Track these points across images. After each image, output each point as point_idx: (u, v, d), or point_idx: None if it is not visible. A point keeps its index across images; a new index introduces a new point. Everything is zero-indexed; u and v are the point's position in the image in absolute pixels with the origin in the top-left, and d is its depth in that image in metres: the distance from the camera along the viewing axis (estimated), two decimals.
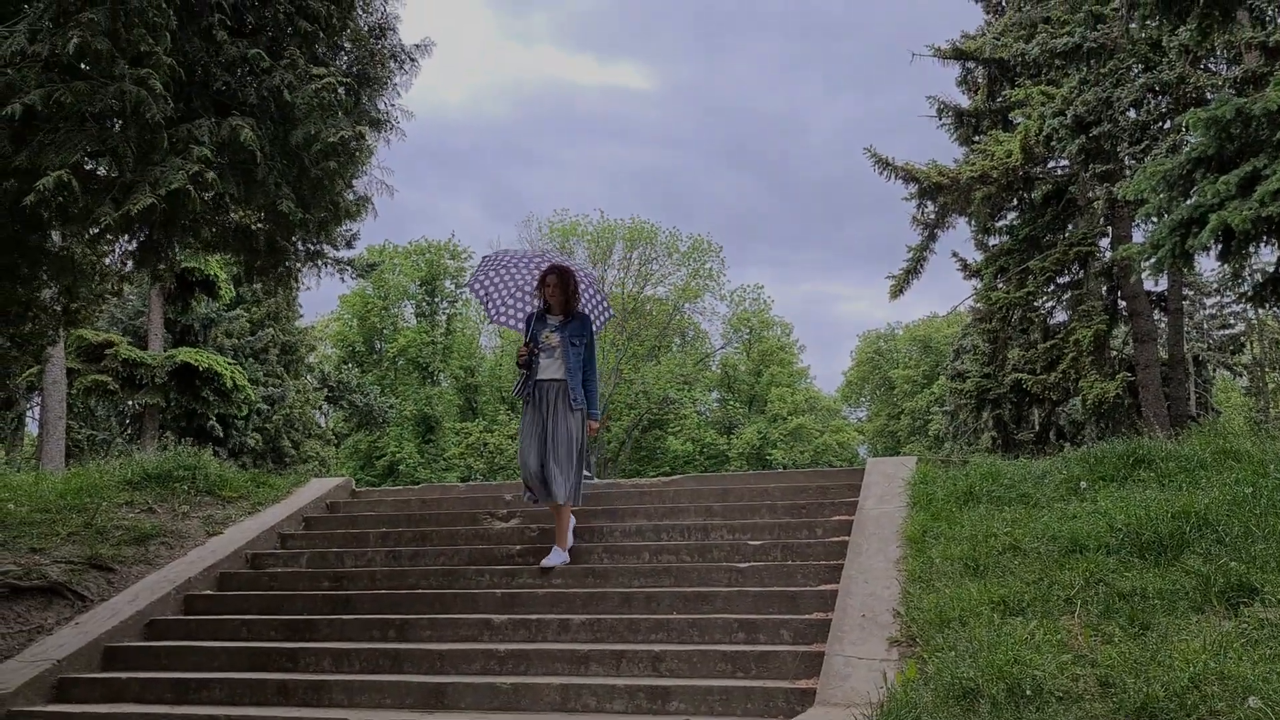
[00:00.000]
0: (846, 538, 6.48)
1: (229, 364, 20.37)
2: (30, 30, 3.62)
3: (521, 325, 7.30)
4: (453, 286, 48.28)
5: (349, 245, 23.67)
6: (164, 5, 3.65)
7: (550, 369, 6.84)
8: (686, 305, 47.71)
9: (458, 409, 45.41)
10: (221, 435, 20.86)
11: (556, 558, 6.75)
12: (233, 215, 5.27)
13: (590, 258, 46.33)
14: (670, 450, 42.80)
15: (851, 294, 76.73)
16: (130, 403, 20.65)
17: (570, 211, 54.27)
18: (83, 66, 3.93)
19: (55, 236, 5.31)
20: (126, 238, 5.54)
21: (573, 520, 7.06)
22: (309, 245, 5.51)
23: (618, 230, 46.10)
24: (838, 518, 7.01)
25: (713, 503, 7.69)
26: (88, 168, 4.26)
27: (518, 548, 7.26)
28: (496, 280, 7.49)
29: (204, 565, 7.35)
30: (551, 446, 6.72)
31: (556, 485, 6.70)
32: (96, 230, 4.17)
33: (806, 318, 76.46)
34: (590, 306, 7.32)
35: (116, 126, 3.88)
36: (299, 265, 6.14)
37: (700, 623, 5.75)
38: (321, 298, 71.94)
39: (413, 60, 5.70)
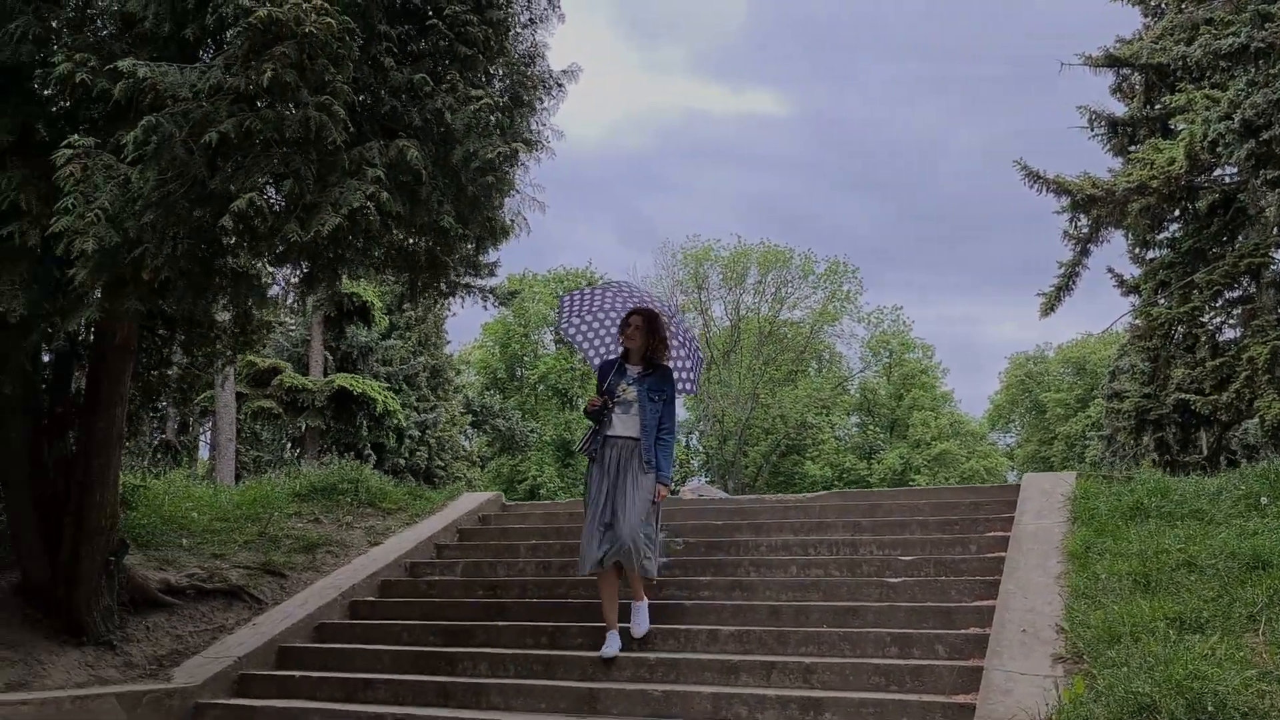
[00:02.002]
0: (1002, 553, 6.29)
1: (382, 389, 21.30)
2: (225, 65, 3.95)
3: (598, 369, 6.56)
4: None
5: (491, 274, 24.43)
6: (348, 39, 3.93)
7: (623, 425, 6.06)
8: (824, 329, 47.16)
9: None
10: (376, 458, 21.79)
11: (638, 622, 6.03)
12: (396, 235, 5.55)
13: (724, 282, 46.45)
14: (808, 475, 42.19)
15: (995, 316, 74.11)
16: (293, 426, 21.79)
17: (702, 237, 54.40)
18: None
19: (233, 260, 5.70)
20: (298, 263, 5.93)
21: (644, 619, 6.10)
22: (466, 260, 5.76)
23: (752, 254, 46.04)
24: (992, 534, 6.80)
25: (860, 518, 7.59)
26: (269, 193, 4.60)
27: (664, 560, 7.32)
28: (588, 317, 6.88)
29: (367, 573, 7.70)
30: (623, 511, 5.89)
31: (635, 553, 5.86)
32: (282, 249, 4.48)
33: (948, 341, 74.40)
34: (678, 361, 6.62)
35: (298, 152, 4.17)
36: (458, 280, 6.41)
37: (851, 636, 5.67)
38: (464, 327, 74.34)
39: (560, 85, 5.91)
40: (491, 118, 4.92)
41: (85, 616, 6.14)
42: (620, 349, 6.34)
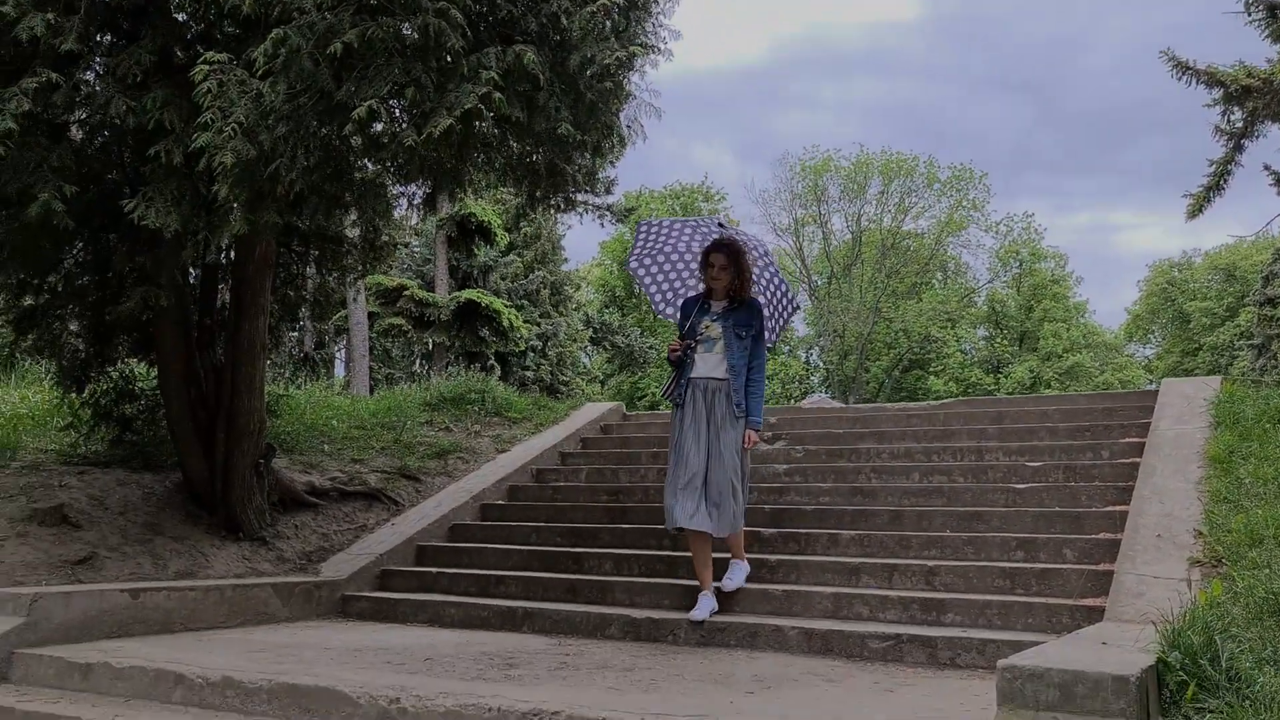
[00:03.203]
0: (1137, 460, 6.09)
1: (506, 304, 21.79)
2: None
3: (678, 314, 5.95)
4: None
5: (608, 191, 24.48)
6: None
7: (708, 365, 5.51)
8: (949, 239, 45.62)
9: None
10: (502, 372, 22.42)
11: (731, 577, 5.50)
12: (514, 145, 5.61)
13: (844, 194, 45.30)
14: (932, 390, 41.30)
15: (1136, 223, 70.13)
16: (421, 342, 22.53)
17: (822, 148, 52.95)
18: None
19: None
20: (422, 178, 6.07)
21: (743, 572, 5.61)
22: (584, 171, 5.79)
23: (873, 164, 44.67)
24: (1126, 440, 6.59)
25: (987, 425, 7.45)
26: (391, 103, 4.70)
27: (784, 467, 7.36)
28: (659, 256, 6.20)
29: (495, 478, 8.00)
30: (714, 461, 5.38)
31: (723, 510, 5.32)
32: (404, 159, 4.61)
33: (1083, 251, 70.77)
34: (767, 294, 6.00)
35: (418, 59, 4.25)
36: (576, 195, 6.45)
37: (975, 540, 5.62)
38: (582, 246, 74.60)
39: None
40: (608, 21, 4.88)
41: (240, 514, 6.59)
42: (701, 287, 5.77)
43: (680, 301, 6.03)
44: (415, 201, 7.56)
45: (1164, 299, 46.16)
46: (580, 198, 6.74)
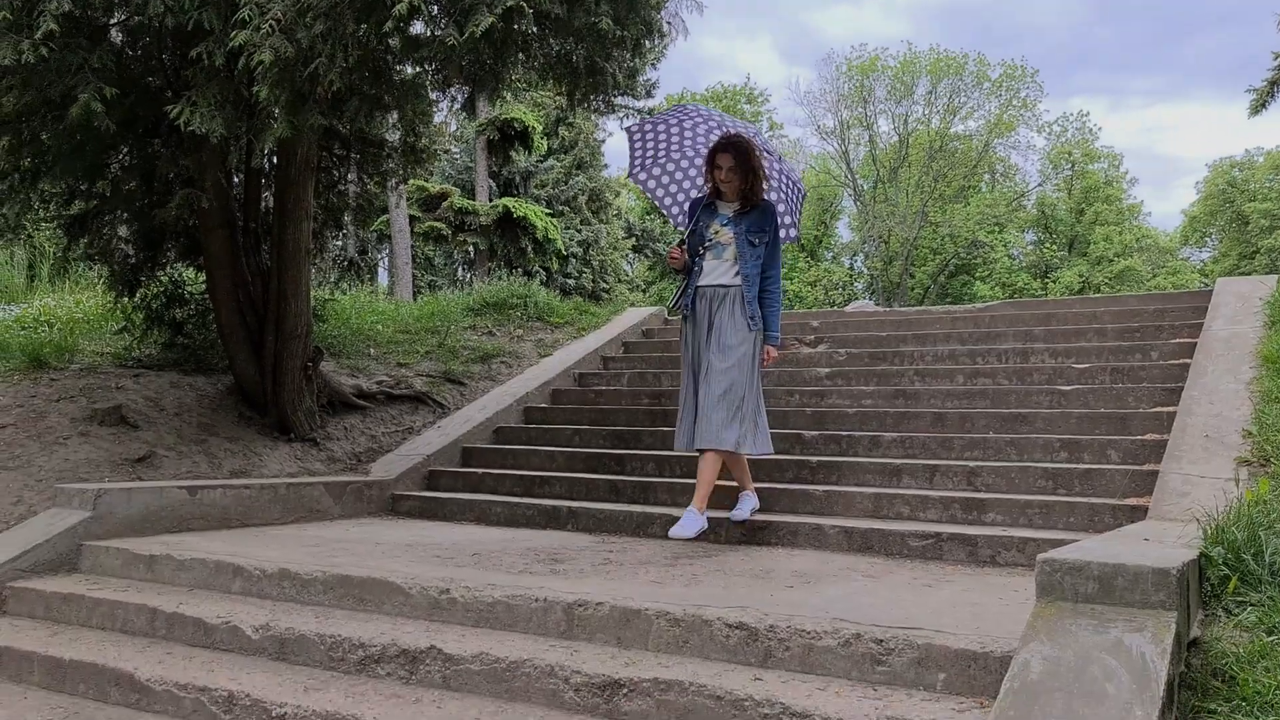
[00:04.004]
0: (1187, 360, 6.00)
1: (544, 213, 21.67)
2: None
3: (683, 217, 5.58)
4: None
5: (648, 94, 24.05)
6: None
7: (716, 272, 5.05)
8: (997, 141, 44.36)
9: None
10: (545, 279, 22.46)
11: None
12: (553, 42, 5.51)
13: (891, 95, 44.04)
14: (978, 295, 40.74)
15: (1196, 121, 67.56)
16: (462, 249, 22.57)
17: (869, 46, 51.33)
18: None
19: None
20: (461, 80, 6.00)
21: (747, 509, 5.14)
22: (625, 69, 5.67)
23: (921, 63, 43.27)
24: (1177, 340, 6.48)
25: (1033, 327, 7.35)
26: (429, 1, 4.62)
27: (825, 370, 7.35)
28: (664, 161, 5.69)
29: (539, 382, 8.09)
30: (710, 368, 4.93)
31: (711, 424, 4.81)
32: (443, 58, 4.54)
33: (1140, 150, 68.49)
34: (780, 195, 5.59)
35: None
36: (615, 97, 6.34)
37: (1018, 442, 5.60)
38: (622, 154, 73.51)
39: None
40: None
41: (291, 416, 6.75)
42: (708, 188, 5.27)
43: (676, 211, 5.65)
44: (455, 105, 7.49)
45: (1222, 201, 44.72)
46: (620, 100, 6.64)
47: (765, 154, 5.36)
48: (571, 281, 24.34)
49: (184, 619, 4.00)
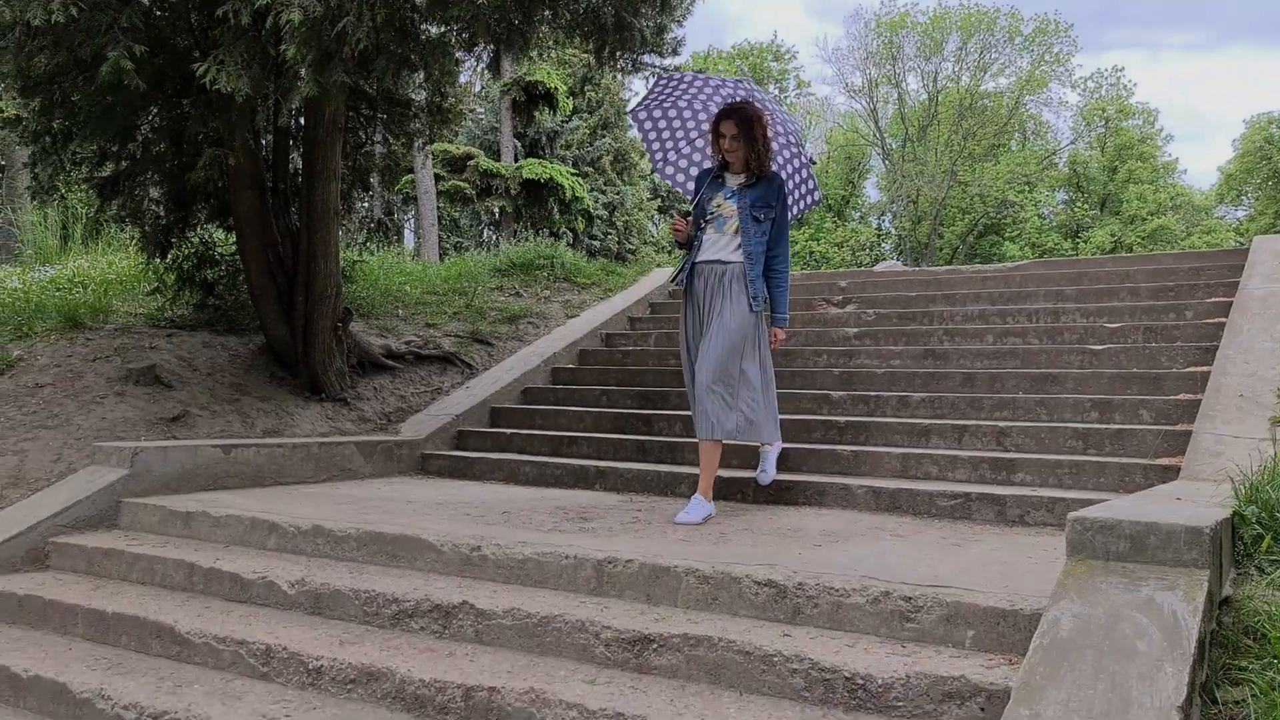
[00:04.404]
0: (1222, 319, 5.92)
1: (569, 174, 21.60)
2: None
3: (690, 185, 5.26)
4: (776, 90, 47.28)
5: (675, 52, 23.78)
6: None
7: (716, 246, 4.74)
8: (1029, 98, 43.59)
9: None
10: (571, 241, 22.43)
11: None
12: (580, 0, 5.46)
13: (920, 52, 43.34)
14: (1007, 255, 40.30)
15: (1234, 76, 65.97)
16: (488, 211, 22.57)
17: (899, 2, 50.39)
18: None
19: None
20: (487, 38, 5.96)
21: (772, 467, 4.97)
22: (653, 25, 5.61)
23: (952, 18, 42.48)
24: (1212, 299, 6.39)
25: (1064, 286, 7.27)
26: None
27: (854, 330, 7.32)
28: (670, 110, 5.28)
29: (566, 342, 8.11)
30: (709, 350, 4.62)
31: (708, 412, 4.54)
32: (470, 15, 4.51)
33: (1176, 106, 67.06)
34: (789, 167, 5.22)
35: None
36: (642, 52, 6.28)
37: (1048, 402, 5.57)
38: None
39: None
40: None
41: (322, 376, 6.81)
42: (715, 158, 4.94)
43: (694, 170, 5.34)
44: (481, 64, 7.45)
45: (1260, 157, 43.79)
46: (646, 59, 6.57)
47: (776, 120, 5.04)
48: (597, 243, 24.34)
49: (221, 574, 4.08)
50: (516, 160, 21.95)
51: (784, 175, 5.13)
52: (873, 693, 2.71)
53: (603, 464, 5.87)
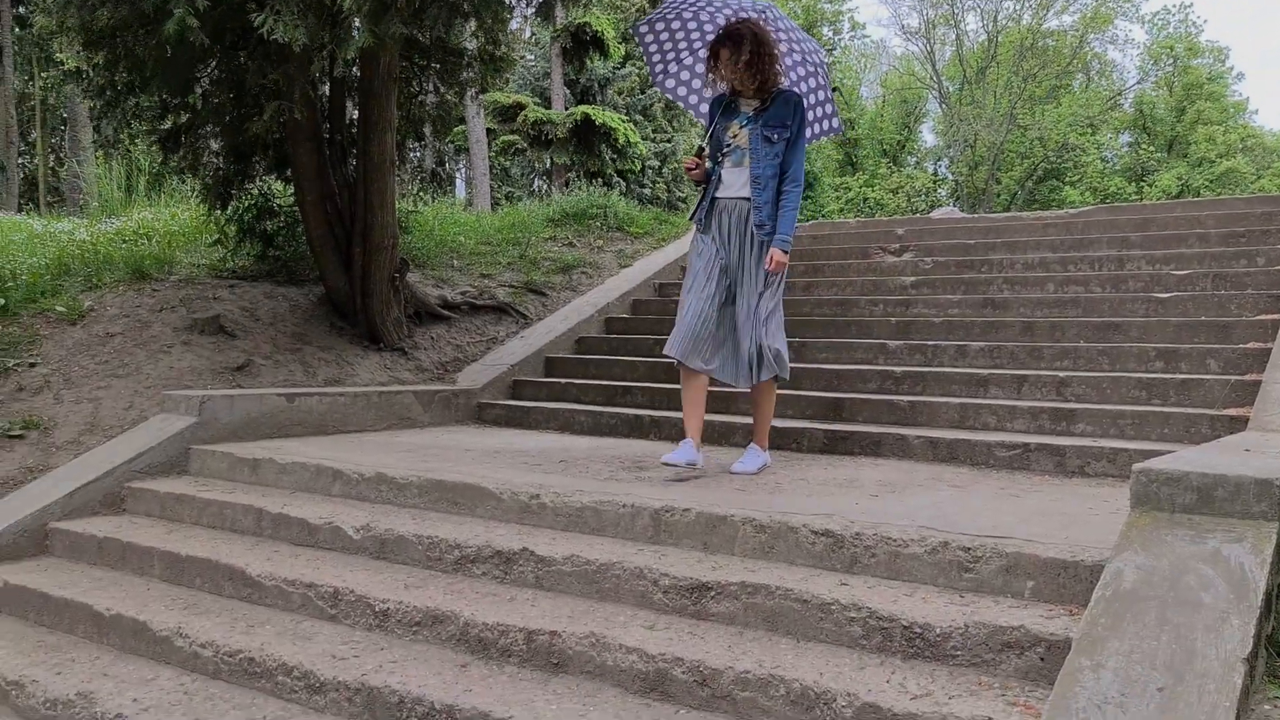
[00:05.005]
0: None
1: (623, 120, 21.41)
2: None
3: (692, 99, 5.01)
4: (830, 33, 46.25)
5: None
6: None
7: (735, 181, 4.43)
8: (1093, 36, 42.12)
9: (836, 164, 44.61)
10: (623, 190, 22.32)
11: (753, 461, 4.51)
12: None
13: None
14: (1067, 200, 39.29)
15: None
16: (540, 160, 22.51)
17: None
18: None
19: None
20: None
21: (765, 460, 4.63)
22: None
23: None
24: None
25: (1129, 233, 7.10)
26: None
27: (910, 279, 7.23)
28: (674, 22, 4.85)
29: (619, 292, 8.12)
30: (742, 308, 4.40)
31: (763, 362, 4.39)
32: None
33: (1248, 42, 64.27)
34: (803, 85, 4.85)
35: None
36: None
37: (1111, 351, 5.47)
38: None
39: None
40: None
41: (380, 326, 6.91)
42: (724, 85, 4.57)
43: (696, 83, 4.95)
44: (531, 9, 7.40)
45: None
46: None
47: (793, 41, 4.71)
48: (648, 192, 24.18)
49: (289, 519, 4.20)
50: (567, 108, 21.81)
51: (799, 89, 4.84)
52: (931, 641, 2.73)
53: (657, 413, 5.90)
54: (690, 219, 4.64)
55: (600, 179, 20.77)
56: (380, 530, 3.90)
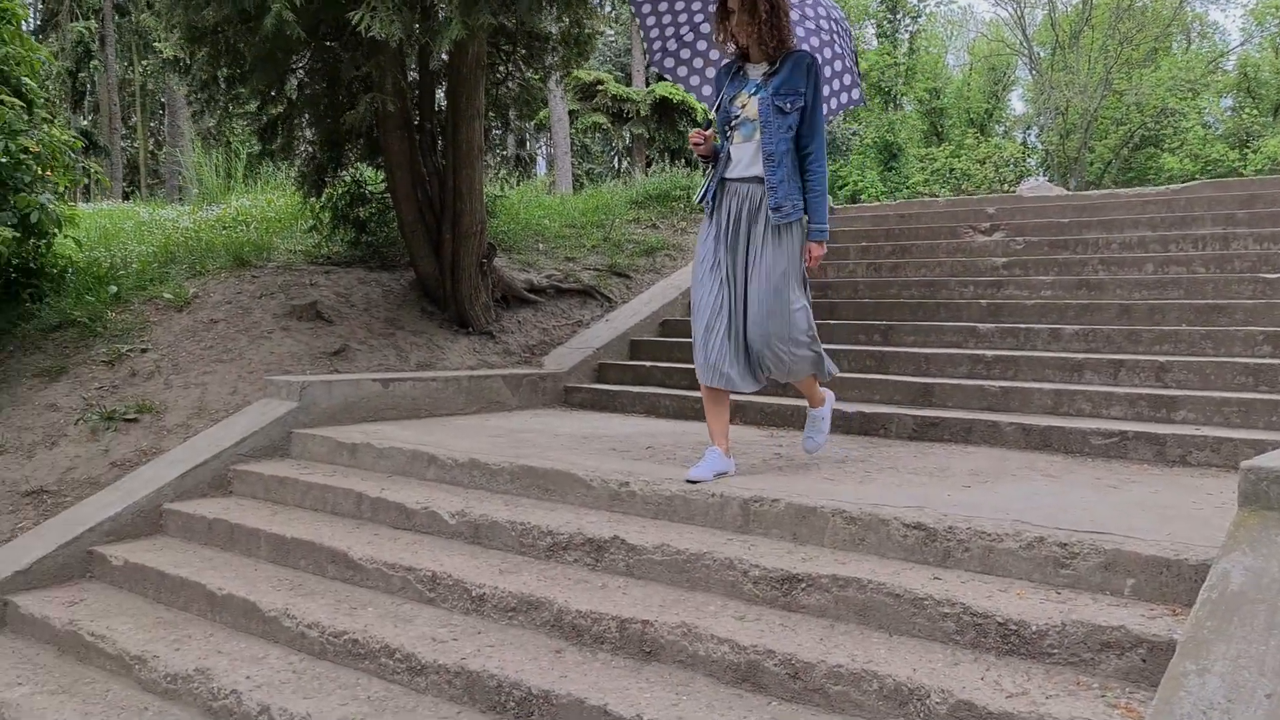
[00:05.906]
0: None
1: None
2: None
3: (693, 80, 4.60)
4: (916, 2, 45.12)
5: None
6: None
7: (746, 159, 3.95)
8: None
9: (921, 134, 43.62)
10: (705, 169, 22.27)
11: (816, 429, 4.33)
12: None
13: None
14: (1165, 169, 37.76)
15: None
16: (619, 137, 22.54)
17: None
18: None
19: None
20: None
21: (828, 409, 4.36)
22: None
23: None
24: None
25: (1235, 210, 6.83)
26: None
27: (1002, 260, 7.08)
28: (679, 5, 4.50)
29: None
30: (753, 297, 3.94)
31: (780, 361, 3.98)
32: None
33: None
34: (822, 53, 4.48)
35: None
36: None
37: (1215, 334, 5.29)
38: None
39: None
40: None
41: (469, 310, 7.05)
42: (730, 49, 4.10)
43: (698, 61, 4.56)
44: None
45: None
46: None
47: (808, 3, 4.38)
48: None
49: (387, 503, 4.34)
50: (648, 85, 21.77)
51: (814, 49, 4.48)
52: (1026, 639, 2.71)
53: (742, 398, 5.90)
54: (698, 202, 4.18)
55: (682, 157, 20.70)
56: (475, 516, 4.01)
